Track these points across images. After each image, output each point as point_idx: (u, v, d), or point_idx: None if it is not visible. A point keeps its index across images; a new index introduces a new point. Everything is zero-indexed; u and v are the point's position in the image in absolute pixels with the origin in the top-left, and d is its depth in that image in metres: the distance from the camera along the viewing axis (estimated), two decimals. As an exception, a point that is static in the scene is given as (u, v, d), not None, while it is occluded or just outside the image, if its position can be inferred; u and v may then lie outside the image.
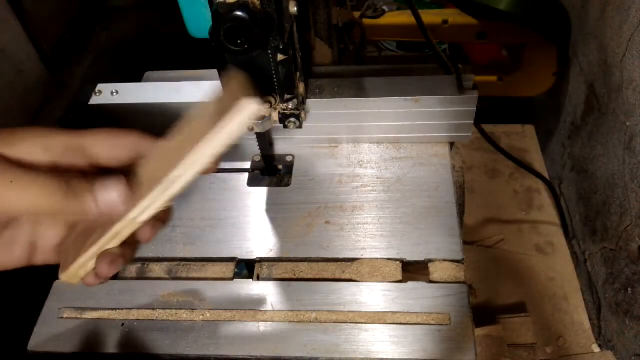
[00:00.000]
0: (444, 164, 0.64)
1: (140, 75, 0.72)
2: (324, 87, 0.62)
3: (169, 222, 0.41)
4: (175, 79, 0.67)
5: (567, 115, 1.11)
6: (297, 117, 0.56)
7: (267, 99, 0.53)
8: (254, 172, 0.65)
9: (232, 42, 0.43)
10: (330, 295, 0.54)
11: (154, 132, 0.67)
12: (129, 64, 1.55)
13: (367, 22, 1.10)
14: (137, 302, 0.55)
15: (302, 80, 0.57)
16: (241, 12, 0.41)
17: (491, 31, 1.10)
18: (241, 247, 0.58)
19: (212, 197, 0.63)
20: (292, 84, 0.52)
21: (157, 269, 0.58)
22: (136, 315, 0.54)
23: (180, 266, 0.58)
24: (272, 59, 0.49)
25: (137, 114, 0.64)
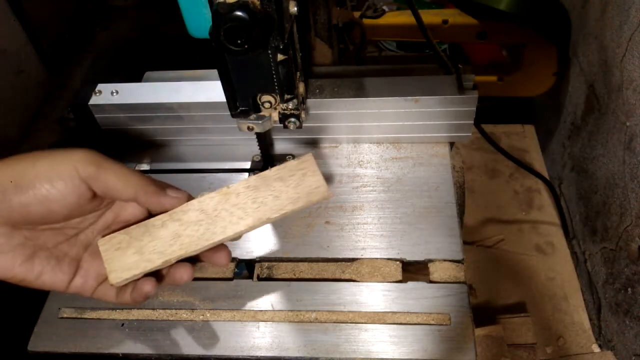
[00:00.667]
0: (444, 164, 0.64)
1: (140, 75, 0.72)
2: (324, 87, 0.62)
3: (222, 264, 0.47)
4: (175, 79, 0.67)
5: (567, 115, 1.11)
6: (297, 117, 0.56)
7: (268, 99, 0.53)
8: (254, 172, 0.65)
9: (232, 42, 0.43)
10: (330, 295, 0.54)
11: (154, 131, 0.68)
12: (129, 64, 1.55)
13: (367, 22, 1.10)
14: (137, 302, 0.55)
15: (302, 80, 0.57)
16: (241, 12, 0.41)
17: (491, 31, 1.10)
18: (241, 247, 0.58)
19: (212, 197, 0.63)
20: (292, 84, 0.52)
21: (157, 269, 0.58)
22: (136, 315, 0.54)
23: (180, 266, 0.58)
24: (272, 59, 0.49)
25: (137, 114, 0.64)
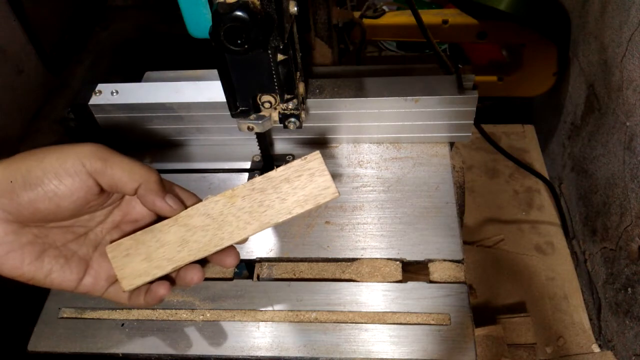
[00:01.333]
0: (444, 164, 0.64)
1: (140, 75, 0.72)
2: (324, 87, 0.62)
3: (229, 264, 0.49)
4: (175, 79, 0.67)
5: (567, 115, 1.11)
6: (297, 117, 0.56)
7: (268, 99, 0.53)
8: (254, 172, 0.65)
9: (232, 42, 0.43)
10: (330, 295, 0.54)
11: (154, 131, 0.67)
12: (129, 64, 1.55)
13: (367, 22, 1.10)
14: (137, 302, 0.55)
15: (302, 80, 0.57)
16: (241, 12, 0.41)
17: (491, 31, 1.10)
18: (241, 247, 0.58)
19: (212, 197, 0.63)
20: (292, 84, 0.52)
21: (157, 269, 0.58)
22: (136, 315, 0.54)
23: (180, 266, 0.58)
24: (272, 59, 0.49)
25: (137, 114, 0.64)
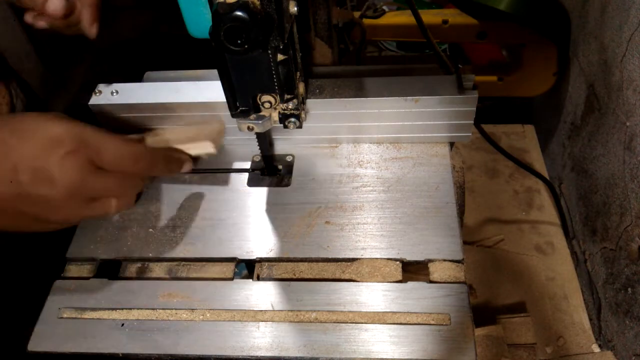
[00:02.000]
0: (444, 164, 0.64)
1: (140, 75, 0.72)
2: (324, 87, 0.62)
3: None
4: (175, 79, 0.67)
5: (567, 115, 1.11)
6: (297, 117, 0.56)
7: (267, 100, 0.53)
8: (254, 172, 0.65)
9: (232, 42, 0.43)
10: (330, 295, 0.54)
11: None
12: (129, 64, 1.55)
13: (367, 22, 1.10)
14: (137, 302, 0.55)
15: (302, 80, 0.57)
16: (241, 12, 0.41)
17: (491, 31, 1.10)
18: (241, 247, 0.58)
19: (212, 197, 0.63)
20: (292, 84, 0.52)
21: (157, 269, 0.58)
22: (136, 315, 0.54)
23: (180, 266, 0.59)
24: (272, 59, 0.49)
25: (137, 114, 0.64)
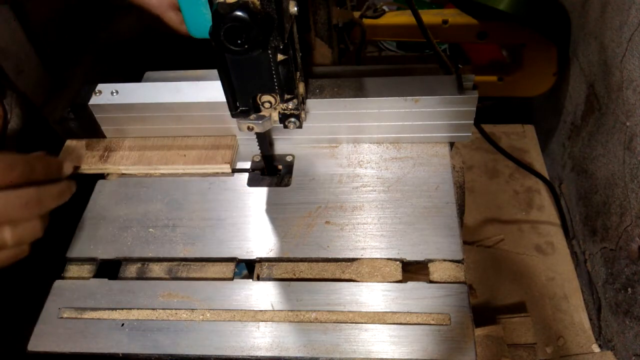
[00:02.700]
0: (444, 164, 0.64)
1: (140, 75, 0.72)
2: (324, 87, 0.62)
3: None
4: (175, 79, 0.67)
5: (567, 115, 1.11)
6: (297, 117, 0.56)
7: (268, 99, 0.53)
8: (254, 172, 0.65)
9: (232, 42, 0.43)
10: (330, 295, 0.54)
11: (154, 131, 0.68)
12: (129, 64, 1.55)
13: (367, 22, 1.10)
14: (137, 302, 0.55)
15: (302, 80, 0.57)
16: (241, 12, 0.41)
17: (491, 31, 1.10)
18: (241, 247, 0.58)
19: (212, 197, 0.63)
20: (292, 84, 0.52)
21: (157, 269, 0.58)
22: (136, 315, 0.54)
23: (180, 266, 0.59)
24: (272, 59, 0.49)
25: (137, 114, 0.64)
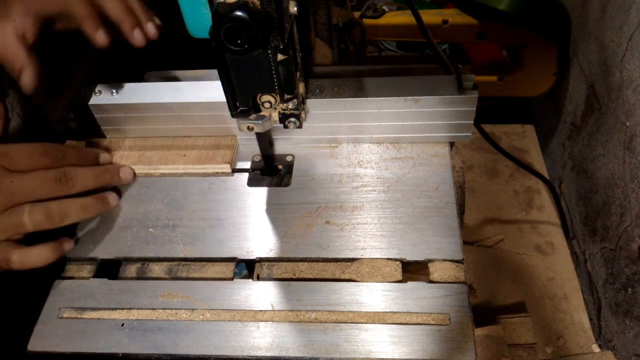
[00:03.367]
0: (444, 164, 0.64)
1: (140, 75, 0.72)
2: (324, 87, 0.62)
3: None
4: (175, 79, 0.67)
5: (567, 115, 1.11)
6: (297, 117, 0.56)
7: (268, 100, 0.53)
8: (254, 172, 0.65)
9: (232, 42, 0.43)
10: (330, 295, 0.54)
11: (154, 131, 0.68)
12: (129, 64, 1.55)
13: (367, 22, 1.10)
14: (137, 302, 0.55)
15: (302, 80, 0.57)
16: (241, 12, 0.41)
17: (491, 31, 1.10)
18: (241, 247, 0.58)
19: (212, 197, 0.63)
20: (292, 84, 0.52)
21: (157, 269, 0.58)
22: (136, 315, 0.54)
23: (180, 266, 0.59)
24: (272, 59, 0.49)
25: (137, 114, 0.64)
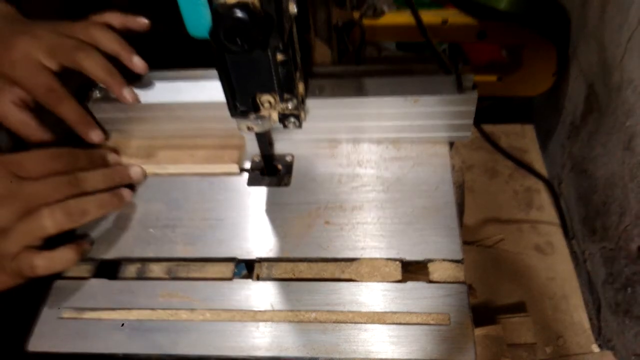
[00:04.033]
0: (443, 163, 0.64)
1: (139, 75, 0.71)
2: (324, 87, 0.62)
3: None
4: (175, 79, 0.67)
5: (567, 115, 1.11)
6: (297, 117, 0.56)
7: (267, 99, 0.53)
8: (253, 172, 0.65)
9: (232, 42, 0.43)
10: (329, 295, 0.54)
11: (154, 131, 0.68)
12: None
13: (367, 22, 1.10)
14: (137, 302, 0.55)
15: (302, 80, 0.57)
16: (241, 12, 0.41)
17: (491, 31, 1.10)
18: (241, 247, 0.58)
19: (211, 197, 0.63)
20: (291, 84, 0.52)
21: (156, 269, 0.58)
22: (136, 315, 0.54)
23: (180, 266, 0.59)
24: (272, 59, 0.49)
25: (137, 114, 0.64)
